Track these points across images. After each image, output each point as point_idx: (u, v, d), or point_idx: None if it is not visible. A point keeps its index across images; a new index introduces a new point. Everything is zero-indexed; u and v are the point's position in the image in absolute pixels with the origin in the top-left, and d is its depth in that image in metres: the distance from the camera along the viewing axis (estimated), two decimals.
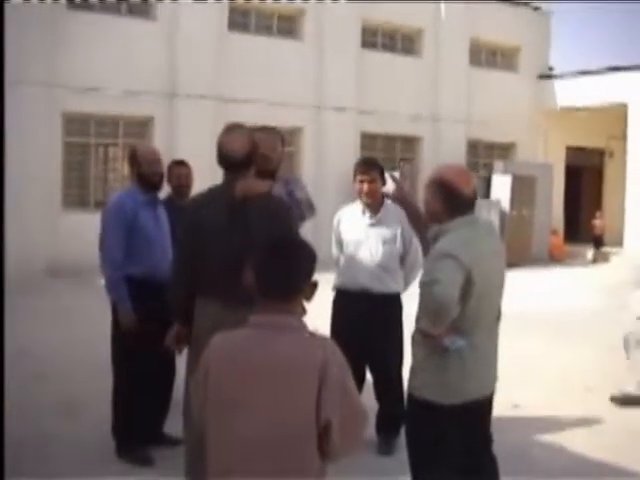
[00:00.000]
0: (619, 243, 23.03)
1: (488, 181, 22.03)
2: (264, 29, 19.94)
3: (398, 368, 6.04)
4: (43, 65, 15.92)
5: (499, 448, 4.54)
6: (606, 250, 23.61)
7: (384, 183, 5.98)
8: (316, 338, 2.89)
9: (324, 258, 4.75)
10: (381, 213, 6.10)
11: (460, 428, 4.20)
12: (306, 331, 2.91)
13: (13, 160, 11.80)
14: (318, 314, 4.91)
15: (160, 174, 5.95)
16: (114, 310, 5.79)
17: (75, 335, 9.88)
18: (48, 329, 10.13)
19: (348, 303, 6.09)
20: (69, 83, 16.51)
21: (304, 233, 4.75)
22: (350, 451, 2.88)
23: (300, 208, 5.49)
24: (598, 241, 24.20)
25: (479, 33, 23.24)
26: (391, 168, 18.39)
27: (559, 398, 7.58)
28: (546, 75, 25.02)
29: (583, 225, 26.48)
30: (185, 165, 7.08)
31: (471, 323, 4.05)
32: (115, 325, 5.78)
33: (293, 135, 19.94)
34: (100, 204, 14.69)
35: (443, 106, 22.53)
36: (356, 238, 6.12)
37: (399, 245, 6.06)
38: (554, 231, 23.65)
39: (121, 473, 5.53)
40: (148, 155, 5.97)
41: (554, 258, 22.58)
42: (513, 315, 7.23)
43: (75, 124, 17.37)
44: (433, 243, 4.17)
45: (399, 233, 6.04)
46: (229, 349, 2.89)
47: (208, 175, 6.74)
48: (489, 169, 23.21)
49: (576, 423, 6.93)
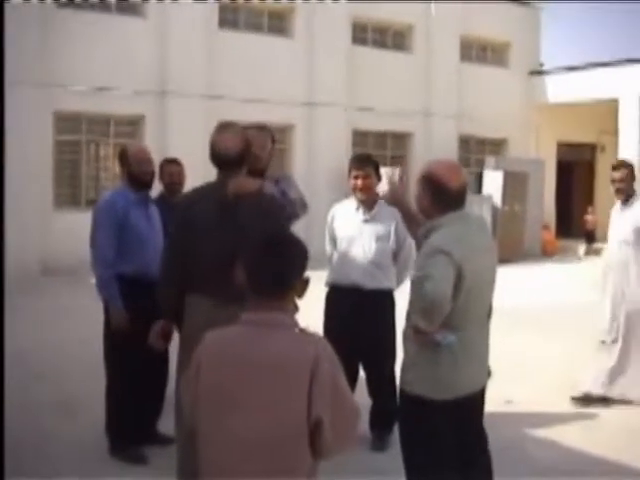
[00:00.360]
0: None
1: (480, 177, 22.05)
2: (254, 27, 19.92)
3: (391, 364, 6.04)
4: (34, 64, 15.86)
5: (492, 444, 4.54)
6: (598, 245, 23.62)
7: (379, 179, 5.95)
8: (308, 335, 2.89)
9: (316, 255, 4.76)
10: (375, 210, 6.10)
11: (452, 423, 4.21)
12: (298, 328, 2.90)
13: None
14: (310, 311, 4.92)
15: (151, 173, 5.94)
16: (106, 309, 5.79)
17: (69, 334, 9.87)
18: (41, 328, 10.12)
19: (340, 299, 6.10)
20: (60, 82, 16.48)
21: (296, 230, 4.75)
22: (342, 448, 2.87)
23: (294, 207, 5.50)
24: (590, 236, 24.22)
25: (470, 29, 23.26)
26: (389, 165, 18.35)
27: (551, 394, 7.59)
28: (537, 71, 25.07)
29: (575, 220, 26.50)
30: (177, 163, 7.07)
31: (462, 318, 4.06)
32: (107, 324, 5.79)
33: (284, 132, 19.93)
34: (92, 202, 14.63)
35: (434, 102, 22.54)
36: (350, 234, 6.13)
37: (392, 242, 6.06)
38: (546, 226, 23.69)
39: (115, 472, 5.53)
40: (138, 155, 5.96)
41: (546, 253, 22.62)
42: (505, 310, 7.25)
43: (66, 122, 17.33)
44: (424, 239, 4.18)
45: (393, 230, 6.05)
46: (221, 346, 2.88)
47: (200, 173, 6.75)
48: (481, 165, 23.23)
49: (568, 419, 6.94)
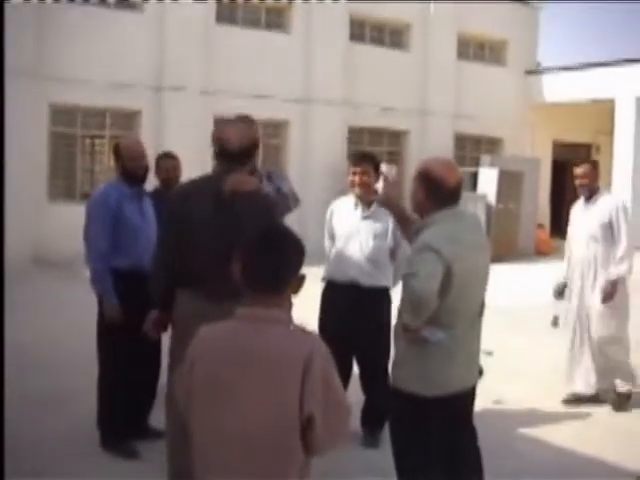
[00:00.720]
0: None
1: (475, 175, 22.04)
2: (252, 22, 19.89)
3: (385, 362, 6.05)
4: (31, 56, 15.83)
5: (483, 442, 4.56)
6: None
7: (379, 177, 5.99)
8: (302, 332, 2.88)
9: (311, 251, 4.75)
10: (373, 207, 6.09)
11: (443, 420, 4.23)
12: (293, 325, 2.90)
13: None
14: (306, 307, 4.93)
15: (144, 168, 5.93)
16: (100, 302, 5.79)
17: (62, 326, 9.86)
18: (34, 320, 10.10)
19: (336, 295, 6.13)
20: (56, 74, 16.44)
21: (290, 226, 4.74)
22: (334, 445, 2.88)
23: (287, 201, 5.52)
24: None
25: (467, 27, 23.25)
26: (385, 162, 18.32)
27: (543, 392, 7.61)
28: (534, 70, 25.07)
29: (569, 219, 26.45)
30: (173, 157, 7.06)
31: (452, 316, 4.08)
32: (101, 317, 5.79)
33: (280, 128, 19.92)
34: (86, 195, 14.64)
35: (430, 100, 22.54)
36: (347, 231, 6.15)
37: (390, 239, 6.06)
38: (540, 225, 23.70)
39: (106, 465, 5.54)
40: (131, 149, 5.95)
41: (540, 252, 22.61)
42: (498, 309, 7.28)
43: (62, 115, 17.30)
44: (416, 236, 4.19)
45: (391, 228, 6.04)
46: (215, 341, 2.88)
47: (196, 167, 6.74)
48: (476, 163, 23.23)
49: (560, 417, 6.96)
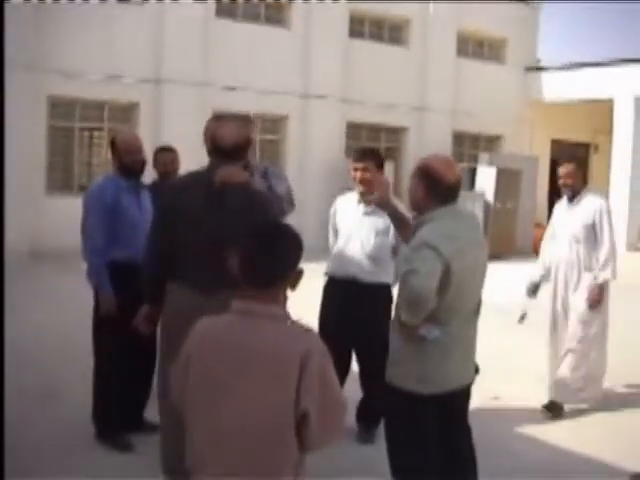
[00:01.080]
0: None
1: (473, 173, 22.04)
2: (251, 16, 19.85)
3: (383, 358, 6.03)
4: (29, 49, 15.80)
5: (478, 439, 4.56)
6: None
7: (382, 172, 6.04)
8: (299, 328, 2.88)
9: (309, 246, 4.74)
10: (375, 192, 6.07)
11: (438, 418, 4.22)
12: (289, 320, 2.90)
13: None
14: (304, 302, 4.93)
15: (140, 161, 5.91)
16: (96, 295, 5.79)
17: (58, 319, 9.87)
18: (31, 313, 10.10)
19: (337, 290, 6.15)
20: (55, 67, 16.42)
21: (288, 221, 4.74)
22: (328, 442, 2.88)
23: (280, 203, 5.50)
24: None
25: (467, 24, 23.22)
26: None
27: (540, 391, 7.60)
28: (533, 68, 25.04)
29: None
30: (172, 151, 7.06)
31: (449, 313, 4.07)
32: (97, 310, 5.79)
33: (278, 123, 19.90)
34: (84, 188, 14.61)
35: (429, 96, 22.53)
36: (349, 227, 6.16)
37: (392, 237, 6.02)
38: (538, 224, 23.69)
39: (100, 458, 5.54)
40: (128, 143, 5.95)
41: (538, 251, 22.56)
42: (495, 307, 7.27)
43: (60, 108, 17.27)
44: (414, 233, 4.18)
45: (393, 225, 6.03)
46: (213, 335, 2.87)
47: (193, 160, 6.71)
48: (474, 160, 23.24)
49: (555, 416, 6.96)
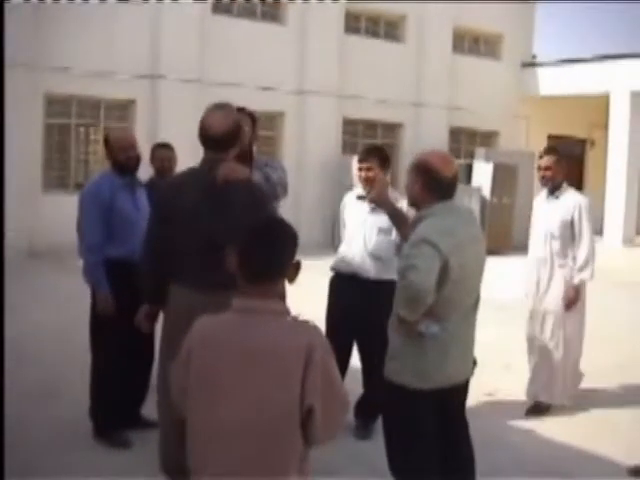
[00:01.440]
0: (599, 231, 23.13)
1: (469, 168, 22.06)
2: (248, 13, 19.81)
3: (382, 354, 6.04)
4: (25, 46, 15.74)
5: (475, 434, 4.57)
6: None
7: (386, 171, 6.10)
8: (301, 323, 2.89)
9: (305, 242, 4.76)
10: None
11: (435, 413, 4.23)
12: (290, 316, 2.90)
13: None
14: (302, 296, 4.94)
15: (134, 158, 5.90)
16: (93, 293, 5.79)
17: (56, 316, 9.87)
18: (29, 310, 10.10)
19: (341, 285, 6.24)
20: (51, 64, 16.38)
21: (284, 216, 4.74)
22: (332, 436, 2.90)
23: (274, 188, 5.55)
24: None
25: (463, 20, 23.20)
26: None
27: None
28: (529, 63, 25.04)
29: None
30: (169, 147, 7.07)
31: (447, 309, 4.08)
32: (94, 308, 5.78)
33: (275, 119, 19.89)
34: (80, 186, 14.54)
35: (425, 92, 22.52)
36: (354, 224, 6.23)
37: (395, 234, 6.03)
38: None
39: (98, 455, 5.54)
40: (121, 140, 5.94)
41: None
42: (492, 303, 7.28)
43: (56, 105, 17.23)
44: (413, 228, 4.19)
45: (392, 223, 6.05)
46: (213, 333, 2.86)
47: (190, 157, 6.71)
48: (471, 156, 23.25)
49: (553, 411, 6.97)
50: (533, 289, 7.15)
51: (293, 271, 2.94)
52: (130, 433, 5.82)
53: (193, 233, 4.43)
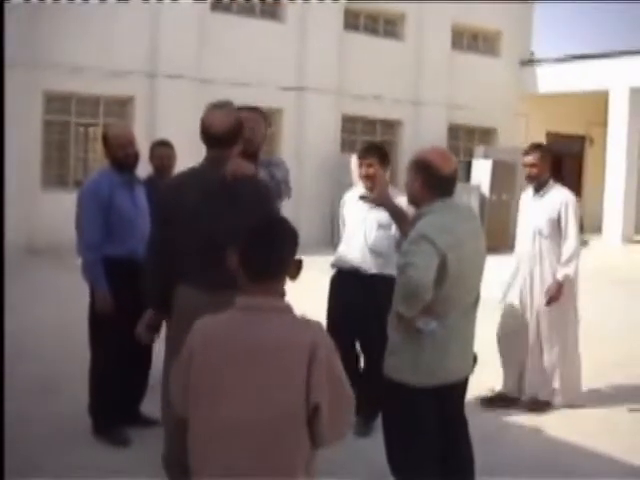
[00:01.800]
0: (598, 229, 23.15)
1: (468, 166, 22.05)
2: (247, 10, 19.81)
3: (382, 350, 6.03)
4: (24, 43, 15.74)
5: (474, 431, 4.57)
6: (585, 236, 23.70)
7: (385, 168, 6.15)
8: (305, 321, 2.87)
9: (305, 239, 4.75)
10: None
11: (435, 410, 4.23)
12: (292, 312, 2.89)
13: None
14: (302, 294, 4.93)
15: (133, 155, 5.89)
16: (92, 291, 5.78)
17: (55, 313, 9.87)
18: (27, 308, 10.09)
19: (343, 282, 6.29)
20: (50, 61, 16.38)
21: (283, 213, 4.74)
22: (339, 436, 2.88)
23: (279, 187, 5.55)
24: None
25: (461, 17, 23.21)
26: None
27: None
28: (528, 60, 25.04)
29: None
30: (168, 145, 7.05)
31: (446, 306, 4.08)
32: (93, 305, 5.78)
33: (274, 116, 19.86)
34: (79, 184, 14.56)
35: (424, 90, 22.52)
36: (354, 220, 6.28)
37: (395, 229, 6.05)
38: None
39: (97, 453, 5.54)
40: (119, 138, 5.92)
41: None
42: (490, 300, 7.22)
43: (55, 103, 17.25)
44: (413, 226, 4.19)
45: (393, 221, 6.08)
46: (215, 332, 2.84)
47: (189, 155, 6.72)
48: (470, 153, 23.25)
49: (553, 408, 6.96)
50: (524, 287, 6.95)
51: (295, 269, 2.93)
52: (129, 431, 5.81)
53: (202, 232, 4.37)
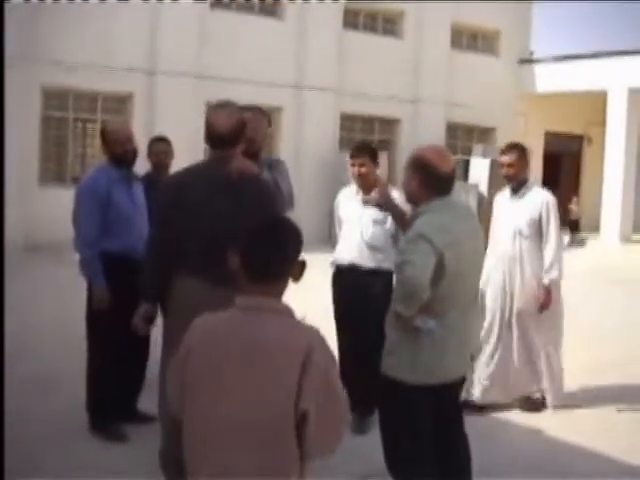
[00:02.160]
0: (596, 229, 23.17)
1: (467, 164, 22.06)
2: (246, 8, 19.81)
3: (379, 345, 6.02)
4: (23, 39, 15.72)
5: (472, 430, 4.57)
6: (583, 235, 23.76)
7: (377, 164, 6.35)
8: (303, 325, 2.83)
9: (304, 237, 4.74)
10: (374, 193, 6.20)
11: (432, 408, 4.22)
12: (292, 315, 2.84)
13: None
14: (304, 295, 4.93)
15: (131, 151, 5.90)
16: (89, 287, 5.78)
17: (52, 310, 9.85)
18: (23, 304, 10.08)
19: (343, 278, 6.41)
20: (48, 57, 16.37)
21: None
22: (329, 447, 2.83)
23: (283, 200, 5.54)
24: (574, 226, 24.33)
25: (461, 16, 23.21)
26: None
27: None
28: (526, 60, 25.07)
29: (560, 210, 26.56)
30: (166, 142, 7.04)
31: (444, 305, 4.07)
32: (90, 301, 5.78)
33: (272, 114, 19.79)
34: (77, 180, 14.56)
35: (423, 88, 22.53)
36: (350, 217, 6.41)
37: (390, 224, 6.15)
38: None
39: (94, 449, 5.53)
40: (118, 133, 5.94)
41: None
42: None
43: (54, 99, 17.24)
44: (410, 224, 4.19)
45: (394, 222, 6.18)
46: (214, 330, 2.82)
47: (187, 152, 6.73)
48: (468, 152, 23.26)
49: (547, 405, 6.97)
50: (502, 290, 6.76)
51: (298, 270, 2.90)
52: (126, 427, 5.81)
53: (206, 229, 4.40)
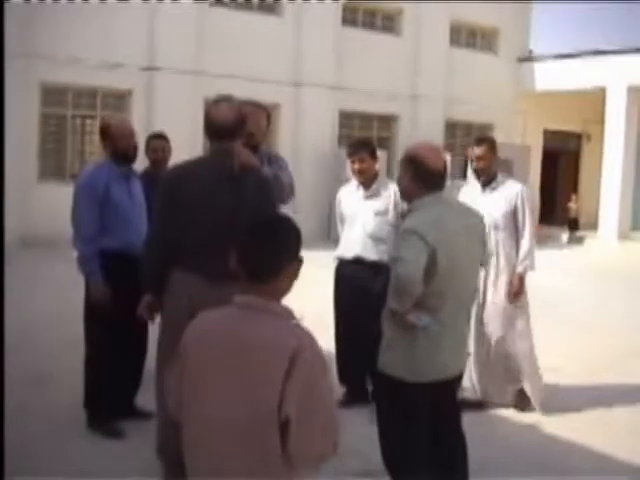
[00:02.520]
0: (594, 226, 23.19)
1: (465, 162, 22.05)
2: (244, 4, 19.80)
3: (376, 337, 6.00)
4: (22, 35, 15.72)
5: (469, 429, 4.57)
6: (581, 233, 23.77)
7: (376, 160, 6.50)
8: (295, 328, 2.74)
9: (302, 234, 4.74)
10: (373, 187, 6.50)
11: (428, 405, 4.23)
12: (289, 317, 2.77)
13: None
14: (303, 292, 4.93)
15: (133, 147, 5.91)
16: (87, 283, 5.77)
17: (48, 306, 9.86)
18: (21, 301, 10.08)
19: (346, 271, 6.52)
20: (47, 53, 16.36)
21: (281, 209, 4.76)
22: (311, 456, 2.67)
23: (282, 192, 5.55)
24: (573, 224, 24.35)
25: (460, 14, 23.21)
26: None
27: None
28: (525, 57, 25.07)
29: (559, 208, 26.64)
30: (163, 138, 7.05)
31: (439, 301, 4.08)
32: (88, 298, 5.78)
33: (271, 111, 19.82)
34: (76, 176, 14.57)
35: (422, 86, 22.53)
36: (352, 212, 6.57)
37: (392, 216, 6.34)
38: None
39: (91, 445, 5.54)
40: (121, 129, 5.95)
41: None
42: None
43: (53, 95, 17.23)
44: (403, 221, 4.24)
45: (392, 206, 6.38)
46: (207, 327, 2.81)
47: (186, 148, 6.73)
48: (466, 150, 23.24)
49: (545, 403, 6.97)
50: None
51: (295, 268, 2.84)
52: (124, 423, 5.81)
53: (207, 222, 4.42)
